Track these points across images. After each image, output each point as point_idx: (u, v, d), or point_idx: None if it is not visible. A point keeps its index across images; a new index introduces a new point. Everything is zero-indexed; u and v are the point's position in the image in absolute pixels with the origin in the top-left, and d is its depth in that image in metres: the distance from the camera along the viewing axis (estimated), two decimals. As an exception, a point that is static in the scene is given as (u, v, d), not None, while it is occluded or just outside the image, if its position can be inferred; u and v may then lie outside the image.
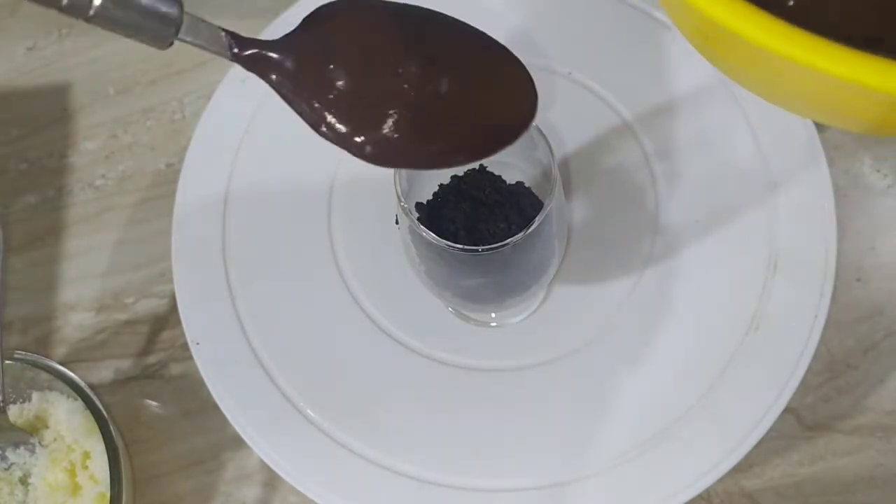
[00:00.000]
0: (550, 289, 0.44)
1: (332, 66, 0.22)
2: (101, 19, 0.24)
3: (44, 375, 0.41)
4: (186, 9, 0.25)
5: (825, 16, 0.28)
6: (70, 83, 0.52)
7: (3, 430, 0.40)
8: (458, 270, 0.36)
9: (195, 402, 0.44)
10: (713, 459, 0.39)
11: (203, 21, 0.24)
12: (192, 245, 0.45)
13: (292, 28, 0.26)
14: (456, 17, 0.27)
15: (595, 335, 0.42)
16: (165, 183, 0.49)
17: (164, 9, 0.24)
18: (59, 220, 0.49)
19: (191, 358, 0.43)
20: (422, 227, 0.34)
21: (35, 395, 0.42)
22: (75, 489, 0.40)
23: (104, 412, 0.41)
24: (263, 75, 0.23)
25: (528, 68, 0.28)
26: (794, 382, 0.40)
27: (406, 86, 0.22)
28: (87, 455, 0.41)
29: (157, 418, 0.44)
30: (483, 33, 0.24)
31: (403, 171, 0.36)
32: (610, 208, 0.45)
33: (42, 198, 0.50)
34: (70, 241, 0.49)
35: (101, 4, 0.23)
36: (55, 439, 0.41)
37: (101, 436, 0.40)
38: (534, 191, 0.39)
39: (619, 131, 0.46)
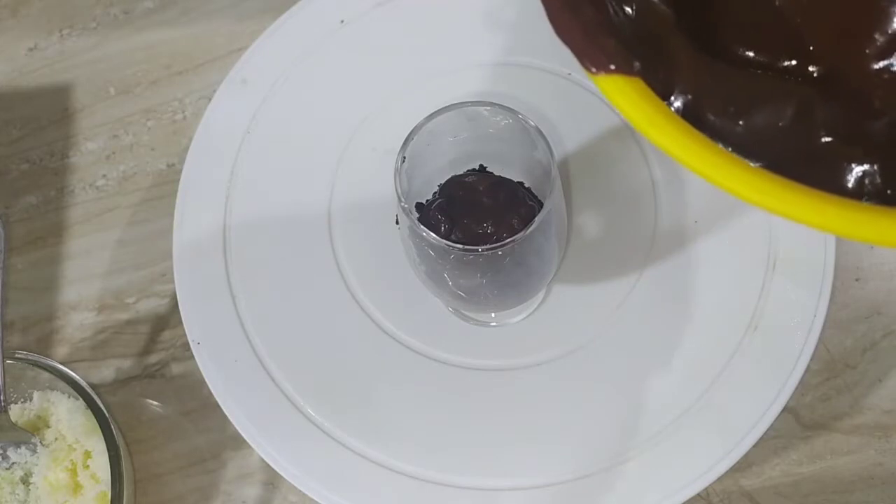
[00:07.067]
0: (550, 289, 0.44)
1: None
2: None
3: (45, 375, 0.41)
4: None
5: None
6: (71, 84, 0.52)
7: (5, 429, 0.40)
8: (459, 270, 0.36)
9: (196, 402, 0.44)
10: (712, 458, 0.39)
11: None
12: (193, 245, 0.45)
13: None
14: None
15: (595, 335, 0.42)
16: (166, 183, 0.49)
17: None
18: (61, 220, 0.49)
19: (192, 357, 0.43)
20: (422, 227, 0.34)
21: (36, 395, 0.42)
22: (76, 488, 0.40)
23: (105, 411, 0.41)
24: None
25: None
26: (793, 382, 0.40)
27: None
28: (88, 454, 0.41)
29: (158, 418, 0.45)
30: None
31: (403, 172, 0.36)
32: (609, 208, 0.45)
33: (43, 198, 0.50)
34: (71, 241, 0.49)
35: None
36: (56, 439, 0.41)
37: (102, 435, 0.40)
38: (534, 191, 0.39)
39: (619, 131, 0.46)
